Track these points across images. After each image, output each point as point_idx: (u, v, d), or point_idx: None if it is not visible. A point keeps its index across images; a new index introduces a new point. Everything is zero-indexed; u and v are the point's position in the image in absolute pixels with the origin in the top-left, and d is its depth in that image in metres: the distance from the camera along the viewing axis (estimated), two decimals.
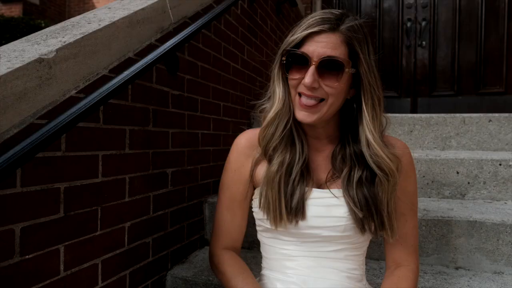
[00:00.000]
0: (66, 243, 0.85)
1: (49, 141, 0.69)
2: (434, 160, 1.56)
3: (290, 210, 0.86)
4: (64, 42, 0.84)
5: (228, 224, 0.98)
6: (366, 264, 0.97)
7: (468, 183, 1.54)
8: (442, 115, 1.83)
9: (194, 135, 1.45)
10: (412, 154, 0.95)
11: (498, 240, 1.25)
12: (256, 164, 0.94)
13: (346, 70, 0.81)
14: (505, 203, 1.48)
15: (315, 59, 0.80)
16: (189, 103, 1.41)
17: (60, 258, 0.84)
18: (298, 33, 0.83)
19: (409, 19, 3.60)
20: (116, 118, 1.01)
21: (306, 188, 0.88)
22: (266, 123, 0.90)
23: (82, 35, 0.89)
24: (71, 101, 0.85)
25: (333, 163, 0.91)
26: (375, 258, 1.34)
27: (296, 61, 0.83)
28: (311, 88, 0.81)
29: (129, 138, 1.06)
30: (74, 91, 0.86)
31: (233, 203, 0.97)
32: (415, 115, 1.87)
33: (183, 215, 1.37)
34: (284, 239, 0.90)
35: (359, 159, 0.88)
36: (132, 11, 1.07)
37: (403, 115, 1.89)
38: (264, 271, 0.97)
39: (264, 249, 0.98)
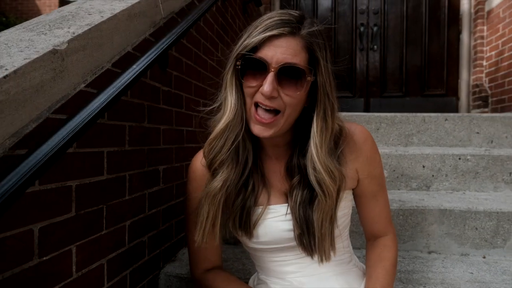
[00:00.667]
0: (78, 243, 0.82)
1: (78, 136, 0.66)
2: (402, 155, 1.69)
3: (239, 226, 0.85)
4: (74, 33, 0.81)
5: (203, 245, 0.88)
6: None
7: (433, 175, 1.69)
8: (406, 114, 1.99)
9: (180, 132, 1.44)
10: (380, 150, 0.98)
11: (464, 225, 1.39)
12: None
13: (308, 78, 0.77)
14: (464, 193, 1.65)
15: (274, 65, 0.75)
16: (176, 100, 1.39)
17: (73, 259, 0.80)
18: (254, 36, 0.77)
19: (362, 24, 3.81)
20: (119, 113, 0.98)
21: (259, 209, 0.87)
22: (215, 134, 0.83)
23: (89, 27, 0.85)
24: (81, 95, 0.81)
25: (288, 174, 0.88)
26: (357, 247, 1.43)
27: (253, 66, 0.77)
28: (270, 97, 0.76)
29: (128, 134, 1.03)
30: (83, 85, 0.83)
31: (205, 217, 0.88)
32: (381, 114, 2.01)
33: (172, 213, 1.36)
34: (273, 252, 0.90)
35: (304, 173, 0.85)
36: (129, 4, 1.04)
37: (371, 114, 2.03)
38: (261, 276, 0.97)
39: (255, 260, 0.98)
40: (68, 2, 7.31)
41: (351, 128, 0.90)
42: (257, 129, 0.80)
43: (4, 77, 0.62)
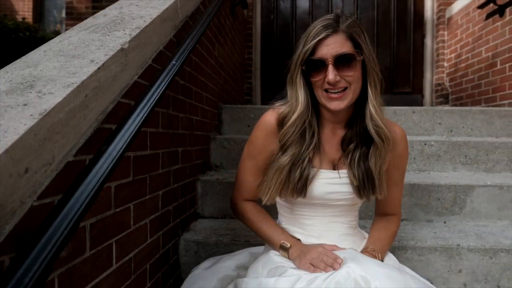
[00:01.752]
0: (134, 202, 1.02)
1: (147, 119, 0.86)
2: None
3: (296, 190, 1.06)
4: (130, 35, 1.01)
5: (250, 184, 1.16)
6: None
7: None
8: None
9: (191, 120, 1.65)
10: None
11: (429, 197, 1.69)
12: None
13: (357, 58, 1.00)
14: (429, 173, 1.96)
15: (330, 59, 0.98)
16: (189, 92, 1.60)
17: (131, 214, 1.01)
18: (308, 43, 1.00)
19: (338, 14, 4.11)
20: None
21: (313, 170, 1.08)
22: (290, 123, 1.05)
23: (139, 30, 1.05)
24: (136, 85, 1.02)
25: (343, 145, 1.11)
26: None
27: (315, 65, 1.01)
28: (334, 82, 0.99)
29: (161, 118, 1.24)
30: (136, 77, 1.03)
31: (257, 170, 1.15)
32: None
33: (186, 190, 1.57)
34: (300, 205, 1.14)
35: (362, 136, 1.07)
36: (161, 10, 1.25)
37: None
38: (284, 225, 1.19)
39: (282, 210, 1.20)
40: None
41: (393, 125, 1.14)
42: (334, 105, 1.02)
43: (98, 68, 0.82)
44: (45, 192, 0.64)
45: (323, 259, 0.97)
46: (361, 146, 1.09)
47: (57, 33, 4.80)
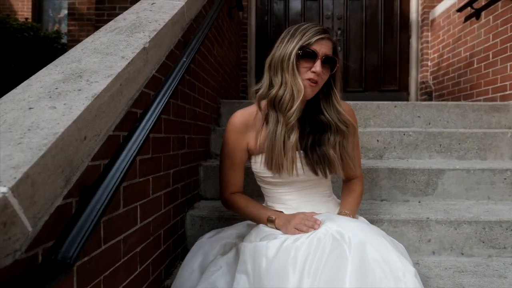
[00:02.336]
0: (152, 176, 1.23)
1: (164, 108, 1.07)
2: (362, 132, 2.19)
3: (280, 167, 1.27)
4: (149, 36, 1.21)
5: (232, 179, 1.38)
6: None
7: (384, 147, 2.20)
8: (364, 102, 2.50)
9: (195, 111, 1.85)
10: None
11: (406, 180, 1.91)
12: (255, 140, 1.33)
13: (337, 65, 1.26)
14: (407, 160, 2.18)
15: (321, 55, 1.21)
16: (192, 86, 1.80)
17: (150, 185, 1.21)
18: (310, 37, 1.21)
19: (327, 28, 4.34)
20: None
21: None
22: (294, 107, 1.22)
23: (156, 32, 1.26)
24: (154, 78, 1.22)
25: (301, 131, 1.31)
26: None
27: (308, 55, 1.22)
28: (318, 73, 1.21)
29: (172, 108, 1.45)
30: (154, 71, 1.24)
31: (234, 166, 1.36)
32: (345, 102, 2.50)
33: (190, 173, 1.77)
34: (280, 185, 1.35)
35: (314, 126, 1.31)
36: (171, 14, 1.45)
37: None
38: (269, 204, 1.41)
39: (265, 192, 1.42)
40: None
41: (342, 103, 1.35)
42: (309, 91, 1.24)
43: (128, 63, 1.02)
44: (95, 156, 0.85)
45: (305, 223, 1.18)
46: (314, 133, 1.31)
47: (58, 32, 4.96)
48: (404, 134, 2.20)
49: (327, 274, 0.99)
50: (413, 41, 4.27)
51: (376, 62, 4.32)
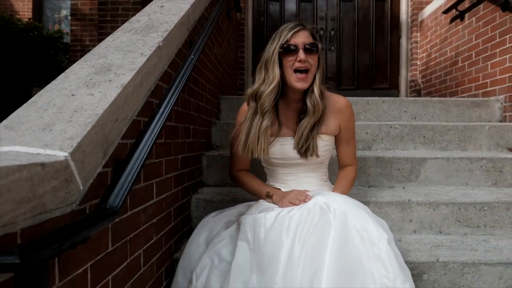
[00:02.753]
0: (164, 158, 1.40)
1: (176, 101, 1.24)
2: None
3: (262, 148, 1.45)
4: (162, 36, 1.38)
5: (240, 158, 1.57)
6: None
7: (373, 139, 2.39)
8: (355, 98, 2.68)
9: (198, 104, 2.02)
10: None
11: (391, 168, 2.09)
12: None
13: (319, 46, 1.42)
14: (394, 151, 2.36)
15: (301, 45, 1.38)
16: (196, 82, 1.97)
17: (163, 167, 1.38)
18: (285, 35, 1.39)
19: (321, 28, 4.53)
20: None
21: (272, 138, 1.47)
22: (266, 93, 1.39)
23: (167, 32, 1.42)
24: (167, 73, 1.39)
25: (298, 117, 1.51)
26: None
27: (289, 50, 1.38)
28: (303, 61, 1.37)
29: (180, 100, 1.62)
30: (166, 67, 1.40)
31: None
32: (342, 96, 2.68)
33: (195, 160, 1.94)
34: (282, 166, 1.54)
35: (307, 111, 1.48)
36: (179, 17, 1.62)
37: None
38: (271, 183, 1.59)
39: (269, 172, 1.61)
40: None
41: (339, 97, 1.52)
42: (299, 84, 1.40)
43: (147, 59, 1.19)
44: (123, 136, 1.02)
45: (298, 198, 1.36)
46: (305, 118, 1.47)
47: (60, 32, 5.11)
48: (390, 127, 2.39)
49: (314, 238, 1.16)
50: (403, 41, 4.46)
51: (368, 61, 4.51)
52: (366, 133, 2.39)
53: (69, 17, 7.33)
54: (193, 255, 1.44)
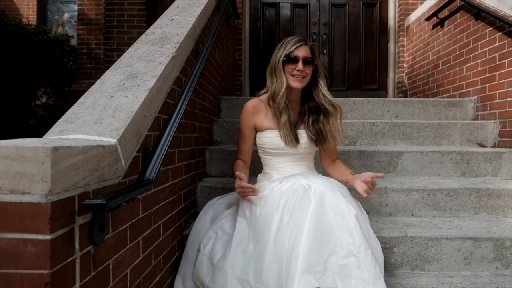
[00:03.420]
0: (177, 149, 1.67)
1: (188, 100, 1.51)
2: None
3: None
4: (175, 47, 1.65)
5: (241, 148, 1.85)
6: None
7: (357, 136, 2.67)
8: (342, 98, 2.97)
9: (202, 104, 2.30)
10: None
11: (372, 160, 2.38)
12: (260, 120, 1.80)
13: (315, 62, 1.74)
14: (376, 146, 2.65)
15: (301, 58, 1.69)
16: (200, 84, 2.25)
17: (176, 156, 1.65)
18: (291, 47, 1.70)
19: (314, 33, 4.81)
20: None
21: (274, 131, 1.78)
22: (280, 95, 1.70)
23: (179, 43, 1.69)
24: (179, 78, 1.67)
25: (300, 115, 1.83)
26: None
27: (292, 60, 1.70)
28: (301, 70, 1.69)
29: (188, 103, 1.89)
30: (178, 73, 1.68)
31: (244, 138, 1.84)
32: None
33: (199, 153, 2.22)
34: (276, 155, 1.82)
35: (313, 109, 1.82)
36: (188, 29, 1.89)
37: None
38: (266, 170, 1.88)
39: (264, 161, 1.88)
40: (45, 2, 7.72)
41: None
42: (297, 84, 1.71)
43: (164, 67, 1.46)
44: (149, 129, 1.29)
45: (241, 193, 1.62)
46: (313, 115, 1.79)
47: (66, 35, 5.37)
48: (373, 125, 2.67)
49: (298, 212, 1.44)
50: (391, 45, 4.76)
51: (358, 64, 4.80)
52: (352, 130, 2.67)
53: (72, 20, 7.60)
54: (201, 230, 1.72)
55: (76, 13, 7.43)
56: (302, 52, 1.71)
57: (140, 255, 1.22)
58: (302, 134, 1.79)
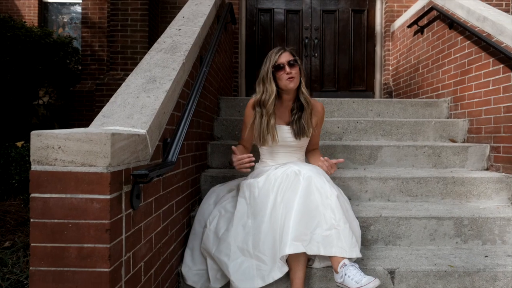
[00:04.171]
0: (186, 142, 1.96)
1: (198, 99, 1.81)
2: (327, 121, 2.96)
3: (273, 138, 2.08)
4: (184, 54, 1.94)
5: (243, 135, 2.17)
6: None
7: (343, 132, 2.98)
8: (330, 99, 3.28)
9: (205, 104, 2.59)
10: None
11: (355, 153, 2.69)
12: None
13: (299, 62, 2.03)
14: (359, 141, 2.96)
15: (285, 63, 1.99)
16: (204, 86, 2.54)
17: (185, 148, 1.95)
18: (274, 58, 2.00)
19: (306, 37, 5.12)
20: None
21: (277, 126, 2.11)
22: (270, 102, 1.99)
23: (187, 51, 1.99)
24: (188, 82, 1.96)
25: (291, 112, 2.15)
26: None
27: (278, 68, 1.99)
28: (289, 72, 1.98)
29: (195, 103, 2.18)
30: (186, 77, 1.97)
31: (246, 127, 2.14)
32: (318, 99, 3.27)
33: (203, 147, 2.51)
34: (272, 147, 2.13)
35: (299, 107, 2.12)
36: (194, 38, 2.18)
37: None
38: (263, 159, 2.18)
39: (263, 151, 2.18)
40: (46, 4, 7.95)
41: (317, 102, 2.17)
42: (291, 84, 2.00)
43: (177, 73, 1.76)
44: (167, 123, 1.58)
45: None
46: (298, 112, 2.09)
47: (70, 37, 5.62)
48: (357, 122, 2.99)
49: (290, 193, 1.75)
50: (378, 49, 5.08)
51: (347, 66, 5.12)
52: (338, 127, 2.98)
53: (72, 22, 7.85)
54: (206, 210, 2.01)
55: (75, 15, 7.69)
56: (285, 57, 2.01)
57: (161, 224, 1.52)
58: (289, 130, 2.09)
